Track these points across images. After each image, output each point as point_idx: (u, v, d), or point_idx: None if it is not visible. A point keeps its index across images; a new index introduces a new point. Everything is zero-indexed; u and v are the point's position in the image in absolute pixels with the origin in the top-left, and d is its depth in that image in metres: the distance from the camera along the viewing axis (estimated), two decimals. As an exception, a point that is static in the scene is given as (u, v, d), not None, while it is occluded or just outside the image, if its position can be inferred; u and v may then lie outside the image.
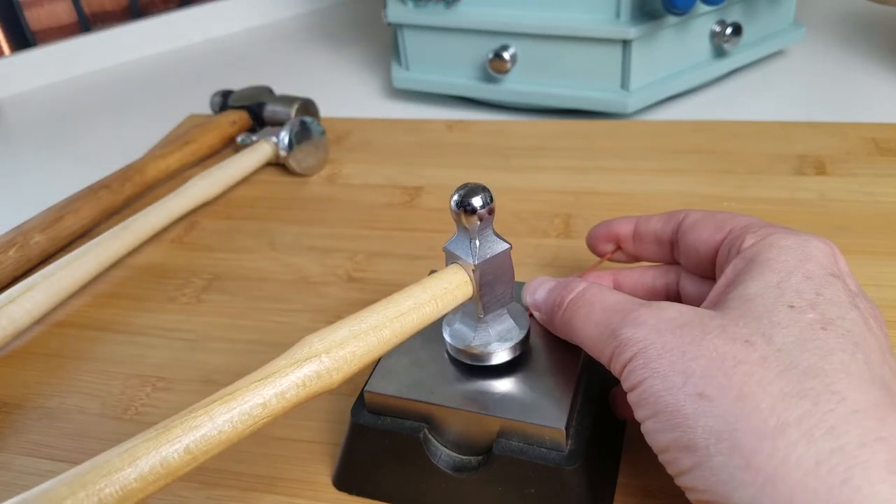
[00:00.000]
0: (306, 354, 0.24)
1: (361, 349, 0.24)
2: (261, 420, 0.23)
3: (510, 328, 0.28)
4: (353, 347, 0.24)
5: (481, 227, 0.27)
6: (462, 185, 0.27)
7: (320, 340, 0.24)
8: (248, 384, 0.23)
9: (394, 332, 0.25)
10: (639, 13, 0.53)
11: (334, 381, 0.24)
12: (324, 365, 0.24)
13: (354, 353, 0.24)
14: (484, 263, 0.27)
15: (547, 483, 0.26)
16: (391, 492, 0.29)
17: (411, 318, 0.26)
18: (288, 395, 0.23)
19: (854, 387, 0.20)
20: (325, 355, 0.24)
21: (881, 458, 0.19)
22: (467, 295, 0.27)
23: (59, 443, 0.34)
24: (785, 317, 0.22)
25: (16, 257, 0.45)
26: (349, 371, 0.24)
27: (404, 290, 0.26)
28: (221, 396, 0.23)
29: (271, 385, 0.23)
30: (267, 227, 0.49)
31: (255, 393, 0.23)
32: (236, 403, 0.23)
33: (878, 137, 0.50)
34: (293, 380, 0.23)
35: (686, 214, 0.29)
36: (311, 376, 0.24)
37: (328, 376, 0.24)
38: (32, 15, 0.78)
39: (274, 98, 0.60)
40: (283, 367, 0.24)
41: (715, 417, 0.20)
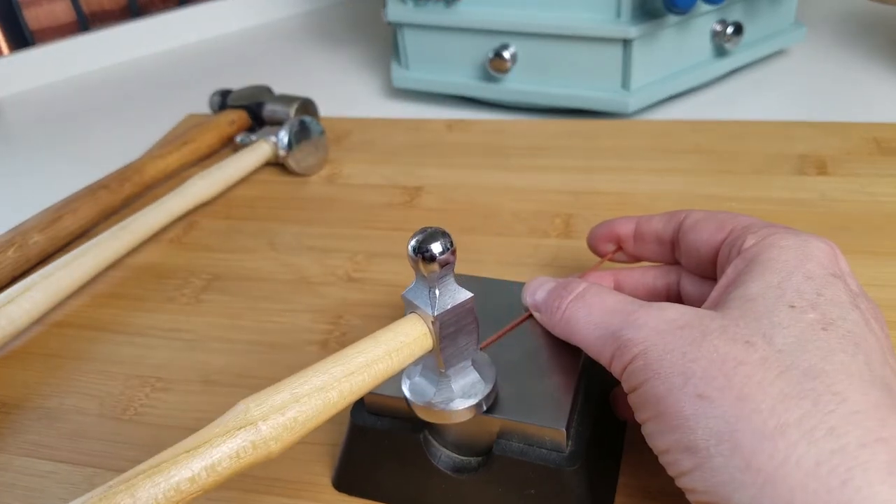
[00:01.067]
0: (241, 422, 0.21)
1: (304, 415, 0.22)
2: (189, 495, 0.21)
3: (474, 382, 0.26)
4: (295, 412, 0.22)
5: (441, 276, 0.24)
6: (421, 228, 0.24)
7: (257, 406, 0.22)
8: (174, 455, 0.21)
9: (341, 394, 0.23)
10: (639, 12, 0.53)
11: (272, 451, 0.22)
12: (260, 434, 0.21)
13: (296, 420, 0.22)
14: (444, 314, 0.24)
15: (547, 484, 0.26)
16: (391, 493, 0.29)
17: (362, 377, 0.23)
18: (219, 467, 0.21)
19: (855, 388, 0.20)
20: (262, 423, 0.21)
21: (881, 458, 0.18)
22: (426, 348, 0.25)
23: (58, 443, 0.34)
24: (786, 317, 0.22)
25: (14, 257, 0.45)
26: (289, 440, 0.22)
27: (356, 345, 0.24)
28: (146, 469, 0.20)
29: (201, 457, 0.21)
30: (266, 227, 0.49)
31: (182, 466, 0.21)
32: (161, 478, 0.20)
33: (879, 137, 0.49)
34: (225, 451, 0.21)
35: (687, 214, 0.29)
36: (246, 447, 0.21)
37: (265, 446, 0.21)
38: (31, 14, 0.77)
39: (273, 97, 0.60)
40: (214, 437, 0.21)
41: (715, 418, 0.20)
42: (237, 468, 0.21)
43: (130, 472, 0.21)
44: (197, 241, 0.48)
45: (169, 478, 0.20)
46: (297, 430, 0.22)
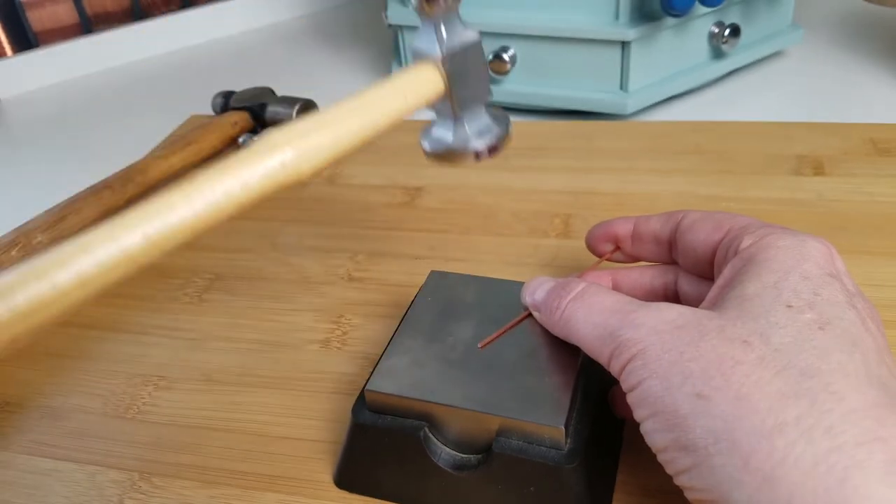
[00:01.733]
0: (268, 146, 0.22)
1: (327, 139, 0.23)
2: (224, 210, 0.21)
3: (488, 125, 0.26)
4: (318, 138, 0.23)
5: (446, 15, 0.25)
6: None
7: (281, 132, 0.23)
8: (208, 175, 0.22)
9: (361, 124, 0.24)
10: (638, 15, 0.54)
11: (302, 173, 0.23)
12: (287, 156, 0.22)
13: (319, 144, 0.23)
14: (453, 55, 0.25)
15: (546, 481, 0.26)
16: (392, 490, 0.29)
17: (379, 110, 0.24)
18: (251, 184, 0.22)
19: (852, 387, 0.20)
20: (289, 146, 0.23)
21: (879, 457, 0.19)
22: (438, 90, 0.25)
23: (61, 442, 0.34)
24: (783, 317, 0.22)
25: (18, 257, 0.45)
26: (316, 162, 0.23)
27: (371, 87, 0.25)
28: (181, 186, 0.21)
29: (233, 175, 0.22)
30: (268, 227, 0.49)
31: (216, 182, 0.22)
32: (196, 192, 0.21)
33: (876, 138, 0.50)
34: (258, 170, 0.22)
35: (685, 215, 0.29)
36: (276, 167, 0.22)
37: (294, 167, 0.23)
38: (34, 16, 0.78)
39: (275, 99, 0.60)
40: (244, 158, 0.22)
41: (713, 418, 0.21)
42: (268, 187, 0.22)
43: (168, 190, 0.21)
44: (199, 241, 0.48)
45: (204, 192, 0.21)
46: (323, 152, 0.23)
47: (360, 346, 0.37)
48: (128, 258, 0.20)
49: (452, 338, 0.30)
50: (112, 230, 0.20)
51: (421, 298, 0.32)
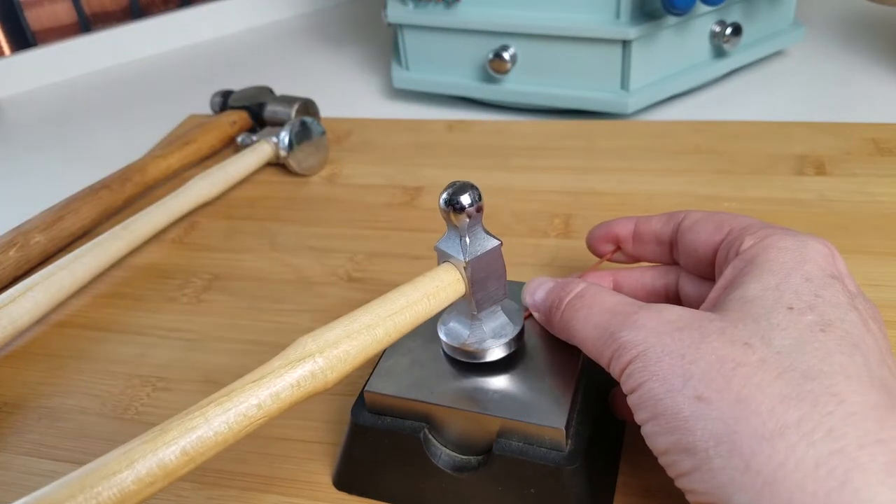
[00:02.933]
0: (300, 355, 0.24)
1: (355, 348, 0.25)
2: (256, 421, 0.23)
3: (504, 325, 0.28)
4: (347, 347, 0.25)
5: (471, 225, 0.27)
6: (450, 183, 0.27)
7: (314, 341, 0.25)
8: (243, 385, 0.23)
9: (387, 331, 0.26)
10: (639, 13, 0.53)
11: (329, 381, 0.24)
12: (318, 365, 0.24)
13: (348, 353, 0.25)
14: (475, 260, 0.27)
15: (547, 483, 0.26)
16: (391, 492, 0.29)
17: (404, 316, 0.26)
18: (283, 395, 0.24)
19: (853, 389, 0.20)
20: (319, 355, 0.24)
21: (880, 460, 0.19)
22: (459, 293, 0.27)
23: (60, 443, 0.34)
24: (784, 319, 0.22)
25: (16, 257, 0.45)
26: (343, 371, 0.25)
27: (396, 290, 0.27)
28: (217, 398, 0.23)
29: (266, 386, 0.23)
30: (267, 227, 0.49)
31: (250, 394, 0.23)
32: (231, 405, 0.23)
33: (877, 137, 0.50)
34: (288, 380, 0.24)
35: (685, 215, 0.29)
36: (306, 376, 0.24)
37: (322, 376, 0.24)
38: (33, 15, 0.78)
39: (274, 98, 0.60)
40: (277, 368, 0.24)
41: (714, 420, 0.20)
42: (297, 396, 0.24)
43: (204, 400, 0.23)
44: (198, 241, 0.48)
45: (238, 404, 0.23)
46: (349, 361, 0.25)
47: (359, 347, 0.37)
48: (165, 474, 0.22)
49: (452, 339, 0.30)
50: (153, 445, 0.22)
51: (420, 299, 0.32)
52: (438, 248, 0.28)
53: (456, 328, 0.29)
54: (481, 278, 0.27)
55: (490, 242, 0.27)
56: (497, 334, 0.28)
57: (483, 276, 0.27)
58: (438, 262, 0.28)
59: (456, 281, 0.27)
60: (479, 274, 0.27)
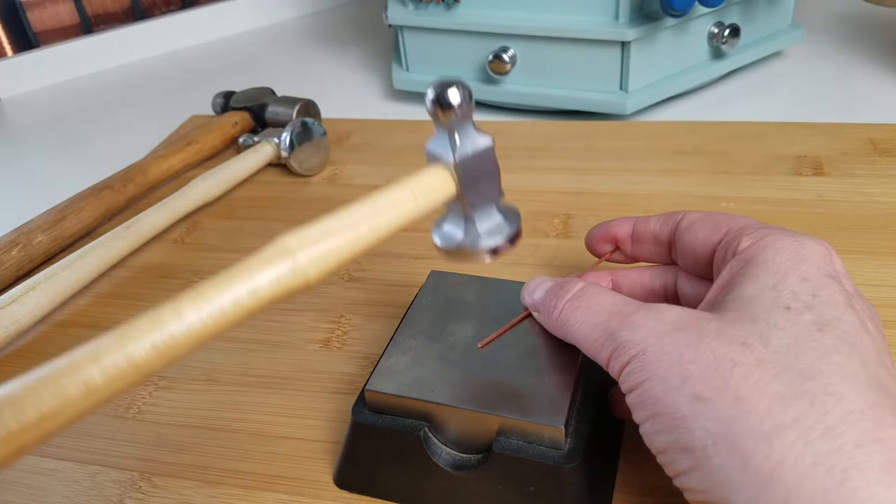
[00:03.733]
0: (278, 251, 0.23)
1: (337, 246, 0.23)
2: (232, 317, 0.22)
3: (499, 224, 0.27)
4: (329, 244, 0.23)
5: (460, 123, 0.25)
6: (436, 80, 0.25)
7: (292, 238, 0.23)
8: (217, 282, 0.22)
9: (371, 229, 0.24)
10: (637, 15, 0.54)
11: (310, 279, 0.23)
12: (298, 262, 0.22)
13: (329, 250, 0.23)
14: (465, 160, 0.25)
15: (546, 481, 0.26)
16: (391, 490, 0.29)
17: (390, 215, 0.24)
18: (260, 292, 0.22)
19: (850, 388, 0.20)
20: (300, 252, 0.23)
21: (877, 458, 0.19)
22: (450, 193, 0.26)
23: (62, 441, 0.34)
24: (781, 318, 0.22)
25: (18, 257, 0.45)
26: (324, 268, 0.23)
27: (382, 189, 0.25)
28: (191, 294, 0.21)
29: (243, 281, 0.22)
30: (268, 227, 0.49)
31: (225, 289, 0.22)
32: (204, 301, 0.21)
33: (875, 138, 0.50)
34: (267, 277, 0.22)
35: (684, 215, 0.29)
36: (286, 273, 0.22)
37: (303, 273, 0.23)
38: (35, 16, 0.78)
39: (276, 99, 0.60)
40: (254, 265, 0.22)
41: (712, 419, 0.21)
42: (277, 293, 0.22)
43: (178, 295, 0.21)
44: (200, 241, 0.48)
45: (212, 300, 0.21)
46: (331, 258, 0.23)
47: (359, 346, 0.37)
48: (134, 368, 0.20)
49: (452, 337, 0.30)
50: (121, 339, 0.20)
51: (421, 298, 0.32)
52: (427, 148, 0.26)
53: (450, 231, 0.27)
54: (473, 178, 0.26)
55: (482, 140, 0.26)
56: (492, 233, 0.27)
57: (475, 176, 0.26)
58: (428, 164, 0.27)
59: (446, 181, 0.26)
60: (470, 174, 0.25)
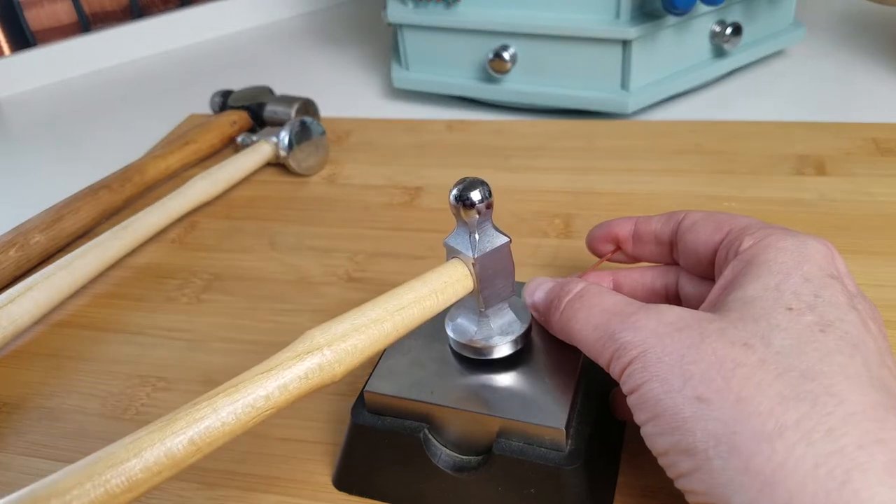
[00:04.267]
0: (308, 348, 0.24)
1: (363, 342, 0.25)
2: (264, 412, 0.23)
3: (511, 321, 0.28)
4: (355, 340, 0.25)
5: (480, 221, 0.27)
6: (461, 179, 0.27)
7: (322, 334, 0.25)
8: (251, 377, 0.24)
9: (395, 326, 0.26)
10: (639, 13, 0.53)
11: (336, 374, 0.24)
12: (326, 358, 0.24)
13: (356, 346, 0.25)
14: (483, 257, 0.27)
15: (547, 483, 0.26)
16: (391, 492, 0.29)
17: (412, 311, 0.26)
18: (290, 387, 0.24)
19: (852, 389, 0.20)
20: (328, 348, 0.24)
21: (880, 460, 0.19)
22: (468, 289, 0.27)
23: (59, 443, 0.34)
24: (783, 319, 0.22)
25: (16, 257, 0.45)
26: (351, 364, 0.25)
27: (405, 285, 0.27)
28: (225, 389, 0.23)
29: (274, 378, 0.23)
30: (267, 227, 0.49)
31: (258, 385, 0.23)
32: (240, 396, 0.23)
33: (878, 137, 0.50)
34: (296, 372, 0.24)
35: (685, 215, 0.29)
36: (314, 369, 0.24)
37: (330, 369, 0.24)
38: (32, 15, 0.78)
39: (274, 98, 0.60)
40: (285, 360, 0.24)
41: (714, 421, 0.20)
42: (305, 388, 0.24)
43: (213, 391, 0.23)
44: (198, 241, 0.48)
45: (246, 395, 0.23)
46: (357, 355, 0.25)
47: (359, 347, 0.37)
48: (173, 463, 0.22)
49: (452, 339, 0.30)
50: (161, 434, 0.22)
51: (420, 299, 0.32)
52: (448, 244, 0.28)
53: (463, 324, 0.29)
54: (489, 275, 0.27)
55: (499, 239, 0.27)
56: (504, 331, 0.28)
57: (491, 272, 0.27)
58: (447, 257, 0.28)
59: (464, 277, 0.27)
60: (487, 270, 0.27)
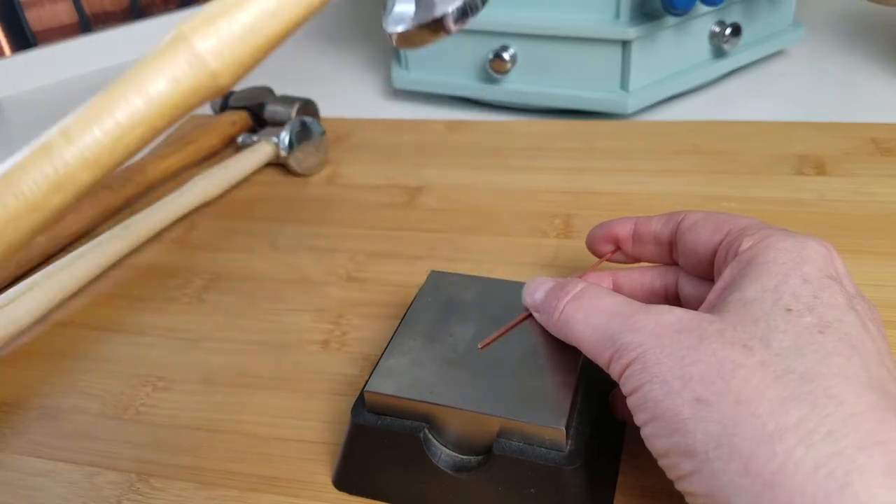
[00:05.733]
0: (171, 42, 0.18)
1: (242, 25, 0.18)
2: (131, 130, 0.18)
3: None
4: (232, 25, 0.18)
5: None
6: None
7: (186, 21, 0.18)
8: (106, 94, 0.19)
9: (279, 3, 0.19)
10: (638, 13, 0.53)
11: (217, 73, 0.18)
12: (196, 52, 0.18)
13: (233, 33, 0.18)
14: None
15: (547, 483, 0.26)
16: (391, 492, 0.29)
17: None
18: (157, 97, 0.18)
19: (851, 390, 0.20)
20: (195, 37, 0.18)
21: (879, 461, 0.19)
22: None
23: (59, 442, 0.34)
24: (782, 321, 0.22)
25: (17, 257, 0.45)
26: (231, 57, 0.18)
27: None
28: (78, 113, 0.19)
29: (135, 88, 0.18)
30: (267, 227, 0.49)
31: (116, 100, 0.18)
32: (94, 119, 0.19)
33: (877, 137, 0.50)
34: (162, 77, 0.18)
35: (685, 216, 0.29)
36: (184, 70, 0.18)
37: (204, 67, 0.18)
38: (33, 15, 0.78)
39: (274, 98, 0.60)
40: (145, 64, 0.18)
41: (713, 422, 0.21)
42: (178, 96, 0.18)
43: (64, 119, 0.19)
44: (198, 241, 0.48)
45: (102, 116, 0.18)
46: (238, 46, 0.18)
47: (359, 347, 0.37)
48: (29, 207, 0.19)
49: (452, 338, 0.30)
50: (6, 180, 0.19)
51: (421, 298, 0.32)
52: None
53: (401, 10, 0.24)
54: None
55: None
56: None
57: None
58: None
59: None
60: None
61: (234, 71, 0.18)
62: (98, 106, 0.18)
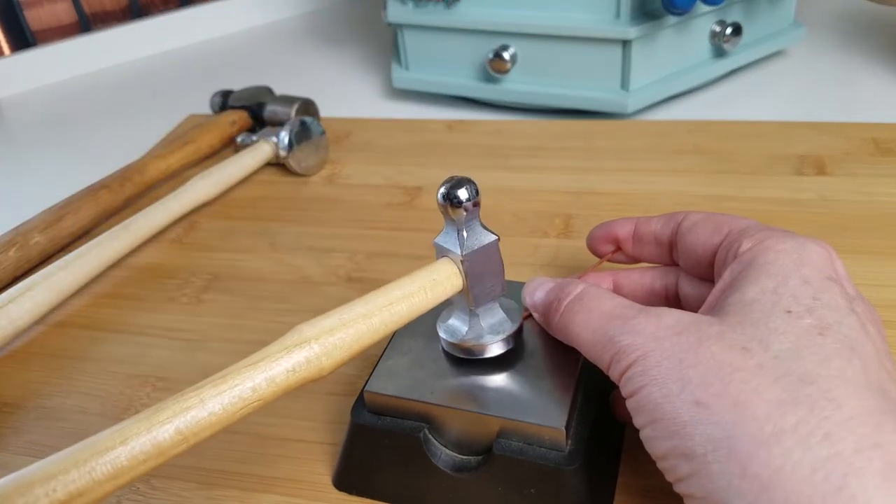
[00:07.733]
0: (296, 341, 0.24)
1: (350, 336, 0.25)
2: (251, 404, 0.23)
3: (502, 321, 0.29)
4: (343, 334, 0.25)
5: (468, 220, 0.27)
6: (448, 178, 0.27)
7: (310, 327, 0.25)
8: (238, 369, 0.24)
9: (383, 321, 0.26)
10: (639, 13, 0.53)
11: (324, 368, 0.25)
12: (313, 351, 0.24)
13: (343, 340, 0.25)
14: (471, 255, 0.27)
15: (547, 483, 0.26)
16: (391, 492, 0.29)
17: (400, 307, 0.26)
18: (278, 379, 0.24)
19: (850, 393, 0.20)
20: (315, 342, 0.24)
21: (877, 464, 0.19)
22: (457, 287, 0.27)
23: (59, 442, 0.34)
24: (782, 323, 0.22)
25: (16, 257, 0.45)
26: (338, 358, 0.25)
27: (394, 282, 0.27)
28: (213, 380, 0.23)
29: (262, 370, 0.24)
30: (267, 227, 0.49)
31: (245, 377, 0.23)
32: (227, 387, 0.23)
33: (878, 137, 0.50)
34: (284, 365, 0.24)
35: (685, 216, 0.29)
36: (301, 363, 0.24)
37: (317, 362, 0.24)
38: (33, 15, 0.78)
39: (274, 98, 0.60)
40: (273, 353, 0.24)
41: (712, 425, 0.20)
42: (293, 382, 0.24)
43: (201, 382, 0.23)
44: (198, 241, 0.48)
45: (233, 387, 0.23)
46: (345, 349, 0.25)
47: (359, 347, 0.37)
48: (159, 452, 0.22)
49: (452, 339, 0.30)
50: (148, 423, 0.22)
51: (420, 299, 0.32)
52: (437, 243, 0.28)
53: (455, 325, 0.29)
54: (478, 273, 0.27)
55: (487, 237, 0.27)
56: (495, 330, 0.28)
57: (480, 270, 0.27)
58: (437, 256, 0.28)
59: (453, 275, 0.27)
60: (476, 268, 0.27)
61: (334, 366, 0.25)
62: (229, 377, 0.23)
